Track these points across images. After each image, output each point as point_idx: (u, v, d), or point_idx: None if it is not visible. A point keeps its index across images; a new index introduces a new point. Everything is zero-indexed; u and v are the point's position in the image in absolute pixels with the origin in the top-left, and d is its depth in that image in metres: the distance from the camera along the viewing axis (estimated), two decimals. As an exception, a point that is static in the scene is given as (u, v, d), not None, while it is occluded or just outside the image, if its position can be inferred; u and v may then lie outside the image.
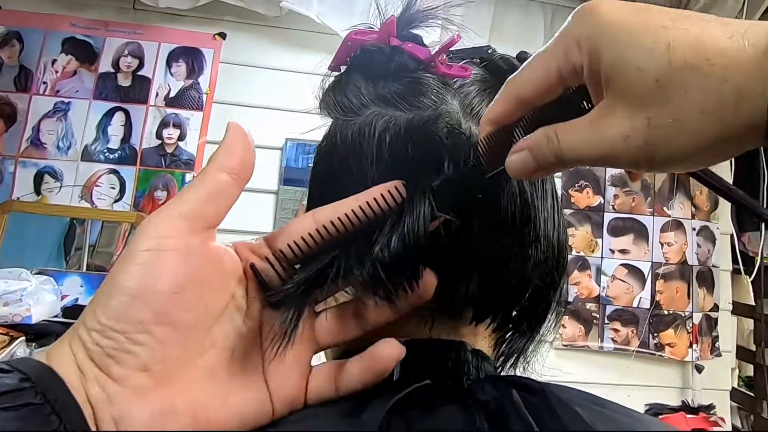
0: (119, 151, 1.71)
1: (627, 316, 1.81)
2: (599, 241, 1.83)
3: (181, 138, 1.73)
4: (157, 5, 1.68)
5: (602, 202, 1.85)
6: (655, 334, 1.81)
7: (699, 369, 1.79)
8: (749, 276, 1.88)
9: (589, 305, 1.81)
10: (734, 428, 1.87)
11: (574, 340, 1.79)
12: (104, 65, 1.73)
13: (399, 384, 0.29)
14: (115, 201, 1.68)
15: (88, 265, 1.68)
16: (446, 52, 0.36)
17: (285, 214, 1.70)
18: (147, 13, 1.75)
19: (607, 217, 1.85)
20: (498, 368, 0.37)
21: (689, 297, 1.83)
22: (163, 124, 1.73)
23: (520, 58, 0.37)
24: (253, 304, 0.29)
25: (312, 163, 0.38)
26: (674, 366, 1.83)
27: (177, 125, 1.73)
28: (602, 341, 1.79)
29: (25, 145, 1.67)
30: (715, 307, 1.86)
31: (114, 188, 1.69)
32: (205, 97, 1.75)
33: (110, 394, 0.24)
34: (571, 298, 1.78)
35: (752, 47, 0.21)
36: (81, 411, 0.23)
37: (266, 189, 1.71)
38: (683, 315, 1.82)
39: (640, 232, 1.85)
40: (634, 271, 1.83)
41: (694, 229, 1.86)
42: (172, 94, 1.75)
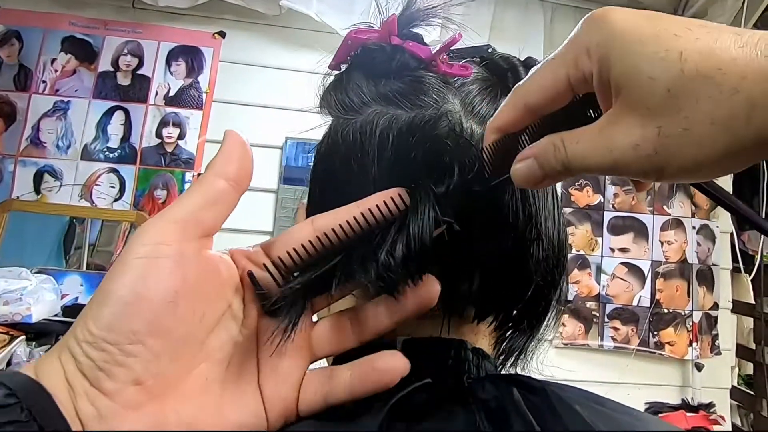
0: (119, 150, 1.71)
1: (627, 314, 1.81)
2: (599, 239, 1.84)
3: (180, 137, 1.72)
4: (157, 4, 1.68)
5: (602, 200, 1.85)
6: (655, 332, 1.81)
7: (699, 367, 1.79)
8: (749, 274, 1.88)
9: (589, 304, 1.81)
10: (734, 427, 1.87)
11: (574, 339, 1.79)
12: (104, 64, 1.73)
13: (399, 383, 0.29)
14: (115, 200, 1.68)
15: (88, 264, 1.68)
16: (447, 51, 0.36)
17: (285, 212, 1.70)
18: (146, 12, 1.74)
19: (607, 215, 1.85)
20: (498, 367, 0.37)
21: (689, 295, 1.83)
22: (163, 123, 1.73)
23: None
24: (250, 312, 0.28)
25: (312, 162, 0.38)
26: (674, 364, 1.83)
27: (177, 124, 1.73)
28: (602, 340, 1.79)
29: (24, 144, 1.67)
30: (715, 306, 1.86)
31: (114, 187, 1.69)
32: (204, 95, 1.75)
33: (100, 410, 0.23)
34: (571, 297, 1.78)
35: (765, 58, 0.20)
36: (69, 428, 0.23)
37: (266, 188, 1.71)
38: (683, 313, 1.82)
39: (640, 231, 1.85)
40: (634, 269, 1.83)
41: (694, 227, 1.86)
42: (171, 93, 1.74)
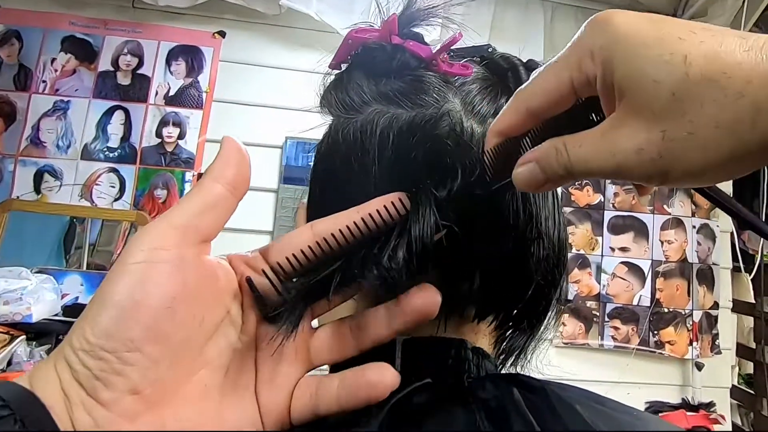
0: (119, 150, 1.71)
1: (627, 313, 1.81)
2: (599, 239, 1.83)
3: (180, 136, 1.72)
4: (157, 3, 1.68)
5: (602, 200, 1.85)
6: (655, 331, 1.81)
7: (699, 367, 1.79)
8: (749, 274, 1.88)
9: (589, 303, 1.81)
10: (734, 426, 1.87)
11: (574, 338, 1.79)
12: (104, 64, 1.73)
13: (399, 383, 0.29)
14: (115, 200, 1.68)
15: (88, 264, 1.69)
16: (447, 51, 0.36)
17: (285, 212, 1.70)
18: (146, 12, 1.74)
19: (608, 215, 1.85)
20: (498, 366, 0.37)
21: (689, 295, 1.83)
22: (163, 123, 1.73)
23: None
24: (249, 319, 0.28)
25: (312, 162, 0.38)
26: (674, 364, 1.83)
27: (177, 124, 1.73)
28: (602, 339, 1.79)
29: (24, 143, 1.67)
30: (715, 305, 1.86)
31: (114, 187, 1.69)
32: (204, 95, 1.75)
33: (97, 420, 0.23)
34: (571, 296, 1.78)
35: None
36: None
37: (266, 187, 1.71)
38: (683, 313, 1.82)
39: (641, 230, 1.85)
40: (635, 269, 1.83)
41: (694, 226, 1.86)
42: (171, 93, 1.74)
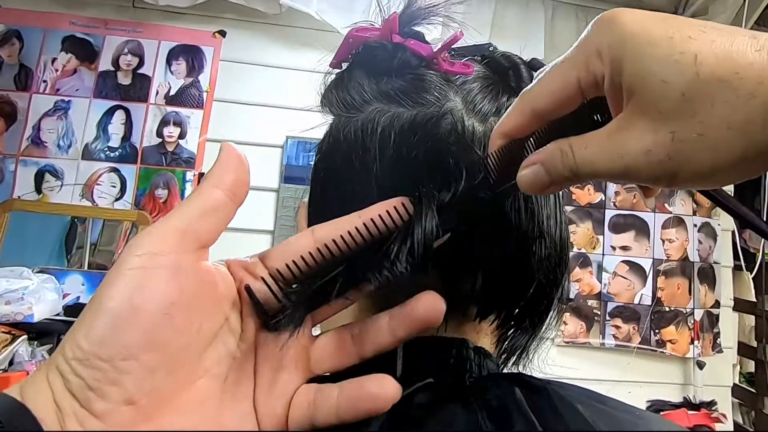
0: (120, 150, 1.71)
1: (628, 312, 1.81)
2: (600, 237, 1.83)
3: (181, 136, 1.72)
4: (157, 3, 1.68)
5: (603, 198, 1.85)
6: (657, 330, 1.81)
7: (700, 365, 1.79)
8: (750, 272, 1.88)
9: (590, 302, 1.81)
10: (736, 424, 1.87)
11: (576, 337, 1.79)
12: (104, 63, 1.73)
13: (401, 383, 0.29)
14: (116, 199, 1.68)
15: (89, 264, 1.69)
16: (448, 49, 0.36)
17: (286, 211, 1.70)
18: (147, 11, 1.74)
19: (609, 213, 1.84)
20: (500, 366, 0.37)
21: (690, 293, 1.83)
22: (164, 123, 1.73)
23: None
24: (248, 326, 0.27)
25: (313, 161, 0.38)
26: (675, 362, 1.83)
27: (177, 123, 1.73)
28: (603, 338, 1.79)
29: (25, 143, 1.67)
30: (717, 304, 1.86)
31: (115, 187, 1.69)
32: (205, 95, 1.75)
33: None
34: (572, 295, 1.78)
35: None
36: None
37: (267, 187, 1.71)
38: (684, 311, 1.82)
39: (642, 229, 1.84)
40: (636, 267, 1.83)
41: (695, 225, 1.86)
42: (172, 92, 1.74)
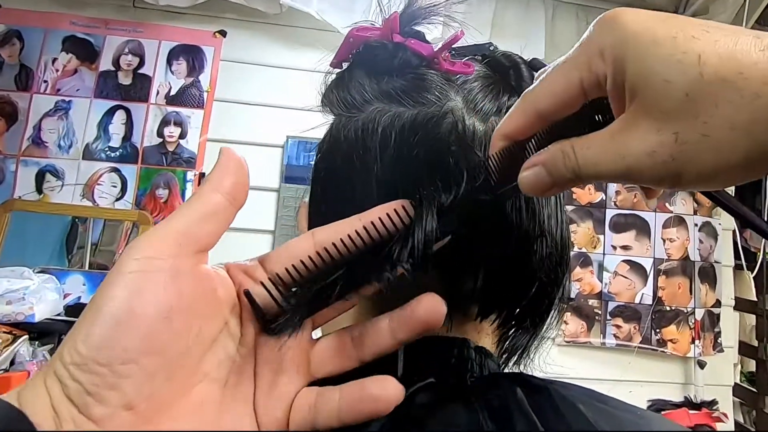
0: (120, 150, 1.71)
1: (629, 312, 1.81)
2: (601, 237, 1.83)
3: (182, 136, 1.73)
4: (157, 3, 1.68)
5: (604, 198, 1.85)
6: (658, 330, 1.81)
7: (701, 365, 1.79)
8: (751, 271, 1.88)
9: (591, 301, 1.80)
10: (737, 424, 1.87)
11: (577, 337, 1.79)
12: (105, 63, 1.74)
13: (402, 382, 0.29)
14: (117, 199, 1.68)
15: (90, 264, 1.69)
16: (449, 49, 0.36)
17: (287, 211, 1.70)
18: (147, 11, 1.74)
19: (609, 213, 1.84)
20: (501, 365, 0.37)
21: (691, 293, 1.83)
22: (164, 122, 1.73)
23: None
24: (248, 330, 0.27)
25: (314, 161, 0.38)
26: (676, 362, 1.83)
27: (178, 123, 1.73)
28: (604, 337, 1.79)
29: (26, 144, 1.67)
30: (718, 303, 1.86)
31: (115, 186, 1.69)
32: (205, 95, 1.75)
33: None
34: (573, 295, 1.78)
35: None
36: None
37: (268, 187, 1.71)
38: (685, 311, 1.82)
39: (642, 228, 1.84)
40: (636, 267, 1.83)
41: (696, 224, 1.86)
42: (172, 92, 1.75)
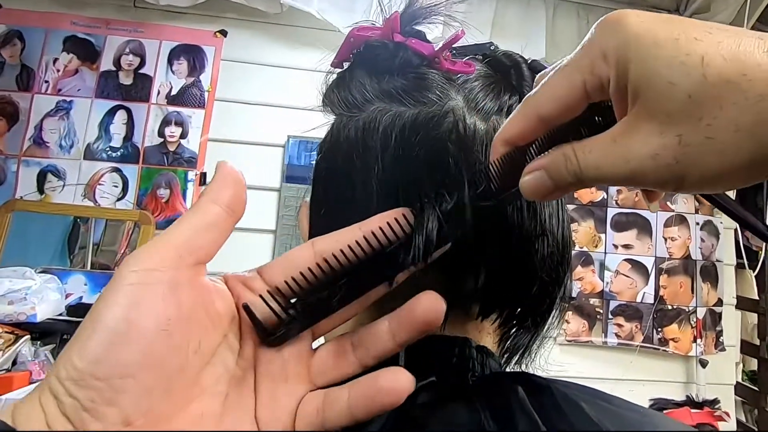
0: (121, 150, 1.71)
1: (631, 311, 1.80)
2: (602, 236, 1.83)
3: (183, 136, 1.73)
4: (158, 3, 1.68)
5: (605, 197, 1.85)
6: (659, 329, 1.80)
7: (703, 364, 1.79)
8: (753, 270, 1.88)
9: (592, 300, 1.80)
10: (739, 423, 1.87)
11: (578, 336, 1.79)
12: (106, 63, 1.74)
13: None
14: (118, 199, 1.68)
15: (92, 264, 1.69)
16: (450, 48, 0.36)
17: (288, 211, 1.70)
18: (148, 11, 1.74)
19: (611, 212, 1.84)
20: (502, 364, 0.37)
21: (693, 292, 1.83)
22: (165, 122, 1.73)
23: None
24: (247, 343, 0.26)
25: (315, 160, 0.38)
26: (678, 361, 1.83)
27: (179, 123, 1.73)
28: (606, 336, 1.79)
29: (27, 144, 1.67)
30: (719, 302, 1.86)
31: (117, 186, 1.69)
32: (206, 94, 1.75)
33: None
34: (574, 294, 1.78)
35: None
36: None
37: (269, 186, 1.71)
38: (687, 310, 1.82)
39: (644, 227, 1.84)
40: (638, 266, 1.83)
41: (697, 223, 1.85)
42: (173, 92, 1.75)
